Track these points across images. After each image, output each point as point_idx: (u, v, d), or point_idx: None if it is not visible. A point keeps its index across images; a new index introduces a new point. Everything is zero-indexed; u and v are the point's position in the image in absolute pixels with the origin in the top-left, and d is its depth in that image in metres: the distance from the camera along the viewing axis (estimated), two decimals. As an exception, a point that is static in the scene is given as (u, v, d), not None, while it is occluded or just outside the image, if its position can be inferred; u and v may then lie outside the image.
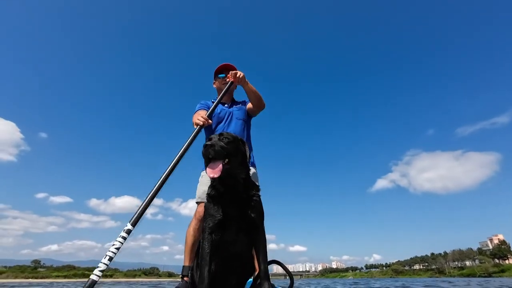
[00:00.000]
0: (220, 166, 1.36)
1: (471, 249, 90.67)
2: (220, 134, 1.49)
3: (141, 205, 1.55)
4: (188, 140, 1.86)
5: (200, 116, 1.99)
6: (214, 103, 2.19)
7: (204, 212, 1.53)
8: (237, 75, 2.21)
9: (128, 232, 1.46)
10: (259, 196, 1.53)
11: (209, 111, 2.15)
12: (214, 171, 1.34)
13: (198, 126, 1.95)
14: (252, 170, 2.10)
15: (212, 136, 1.50)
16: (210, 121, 2.04)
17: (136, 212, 1.51)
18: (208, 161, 1.39)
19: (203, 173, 2.16)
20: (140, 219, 1.50)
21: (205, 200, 1.63)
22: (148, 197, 1.58)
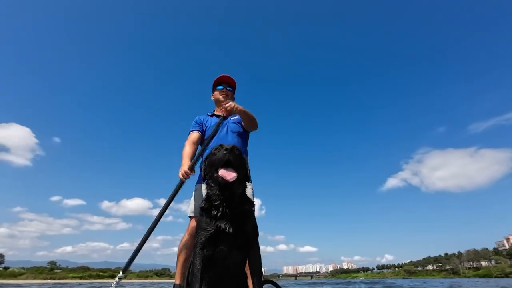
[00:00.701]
0: (235, 173, 1.36)
1: (487, 249, 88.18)
2: (233, 146, 1.50)
3: (131, 255, 1.82)
4: (171, 194, 1.93)
5: (184, 171, 1.92)
6: (208, 138, 2.16)
7: (196, 226, 1.49)
8: (233, 109, 2.08)
9: (120, 278, 1.82)
10: (253, 211, 1.51)
11: (204, 144, 2.14)
12: (230, 174, 1.35)
13: (181, 181, 1.93)
14: (248, 186, 2.07)
15: (224, 144, 1.52)
16: (193, 172, 1.97)
17: (127, 261, 1.83)
18: (218, 166, 1.39)
19: (198, 186, 2.08)
20: (129, 266, 1.86)
21: (197, 216, 1.64)
22: (136, 248, 1.84)
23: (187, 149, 2.11)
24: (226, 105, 2.11)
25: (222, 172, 1.36)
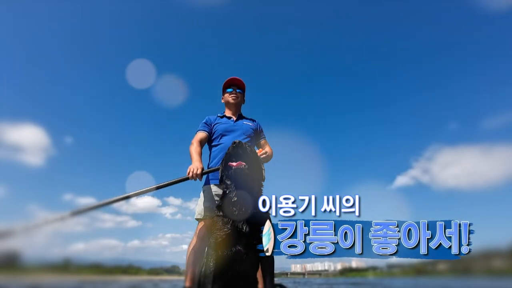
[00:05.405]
0: (243, 163, 1.45)
1: (501, 248, 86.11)
2: (240, 141, 1.57)
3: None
4: (172, 180, 1.89)
5: (195, 173, 1.84)
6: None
7: (212, 225, 1.51)
8: (267, 157, 2.12)
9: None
10: (269, 213, 1.49)
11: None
12: (238, 163, 1.45)
13: (187, 177, 1.89)
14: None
15: (235, 140, 1.60)
16: (200, 179, 1.91)
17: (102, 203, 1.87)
18: (229, 161, 1.47)
19: (206, 187, 2.08)
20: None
21: (206, 218, 1.75)
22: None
23: (196, 147, 2.08)
24: (263, 156, 2.15)
25: (231, 164, 1.46)
